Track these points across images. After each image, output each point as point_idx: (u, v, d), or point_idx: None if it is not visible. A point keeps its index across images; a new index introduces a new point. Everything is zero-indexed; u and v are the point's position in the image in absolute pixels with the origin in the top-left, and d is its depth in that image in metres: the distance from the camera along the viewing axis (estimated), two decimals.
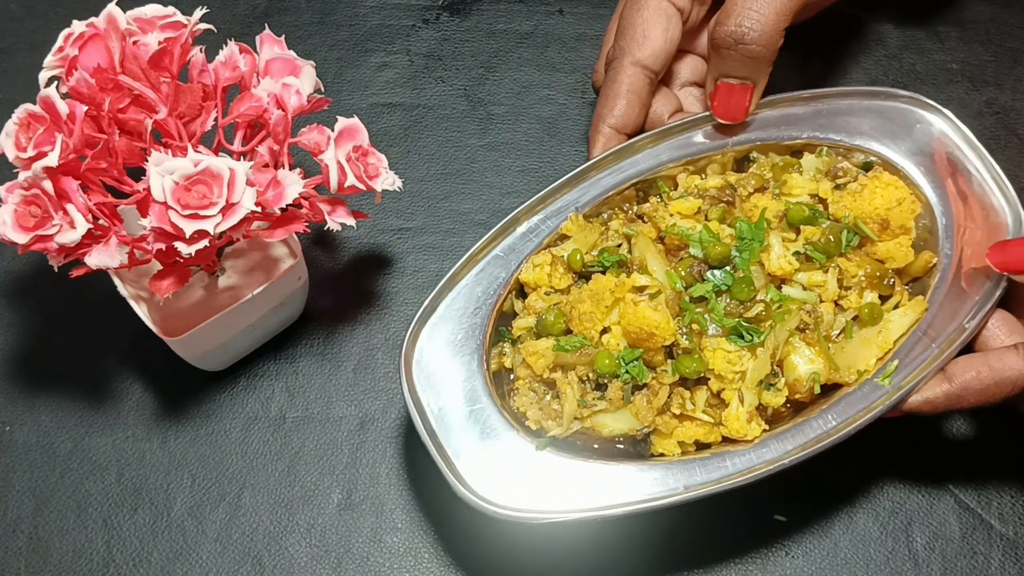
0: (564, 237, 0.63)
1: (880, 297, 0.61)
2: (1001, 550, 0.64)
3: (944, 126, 0.64)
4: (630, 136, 0.65)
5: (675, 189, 0.65)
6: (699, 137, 0.65)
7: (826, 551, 0.65)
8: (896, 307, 0.61)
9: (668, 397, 0.58)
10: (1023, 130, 0.77)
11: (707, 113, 0.65)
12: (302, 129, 0.59)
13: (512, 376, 0.61)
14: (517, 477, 0.57)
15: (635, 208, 0.64)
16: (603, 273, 0.60)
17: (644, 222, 0.63)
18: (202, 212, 0.53)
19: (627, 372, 0.58)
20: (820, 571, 0.64)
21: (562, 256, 0.62)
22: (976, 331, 0.59)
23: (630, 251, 0.61)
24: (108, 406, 0.68)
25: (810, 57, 0.79)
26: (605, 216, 0.64)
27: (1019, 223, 0.61)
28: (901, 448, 0.67)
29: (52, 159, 0.53)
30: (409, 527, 0.65)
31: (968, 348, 0.59)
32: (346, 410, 0.69)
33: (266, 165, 0.59)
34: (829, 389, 0.60)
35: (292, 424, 0.68)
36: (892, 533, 0.65)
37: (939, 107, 0.64)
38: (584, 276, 0.62)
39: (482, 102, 0.79)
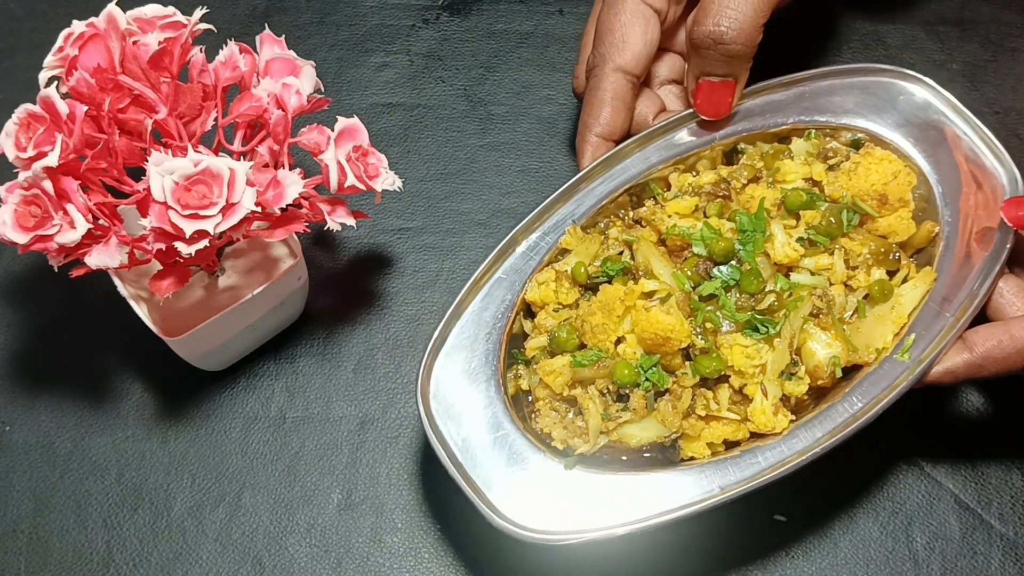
0: (565, 251, 0.62)
1: (888, 273, 0.61)
2: (1001, 550, 0.64)
3: (927, 95, 0.64)
4: (617, 142, 0.64)
5: (668, 190, 0.64)
6: (685, 135, 0.64)
7: (826, 551, 0.65)
8: (905, 280, 0.60)
9: (692, 399, 0.58)
10: (1023, 130, 0.77)
11: (691, 111, 0.64)
12: (302, 129, 0.59)
13: (531, 398, 0.61)
14: (550, 499, 0.57)
15: (631, 213, 0.64)
16: (609, 283, 0.60)
17: (642, 226, 0.63)
18: (202, 212, 0.53)
19: (647, 379, 0.57)
20: (820, 571, 0.64)
21: (566, 271, 0.61)
22: (988, 295, 0.59)
23: (632, 257, 0.61)
24: (108, 406, 0.68)
25: (810, 58, 0.79)
26: (602, 225, 0.63)
27: (1015, 183, 0.61)
28: (901, 448, 0.67)
29: (52, 159, 0.53)
30: (409, 527, 0.65)
31: (980, 314, 0.59)
32: (346, 410, 0.69)
33: (266, 165, 0.59)
34: (850, 371, 0.59)
35: (292, 424, 0.68)
36: (892, 533, 0.65)
37: (920, 76, 0.64)
38: (590, 288, 0.61)
39: (482, 102, 0.79)
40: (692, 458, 0.58)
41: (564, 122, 0.78)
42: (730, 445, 0.58)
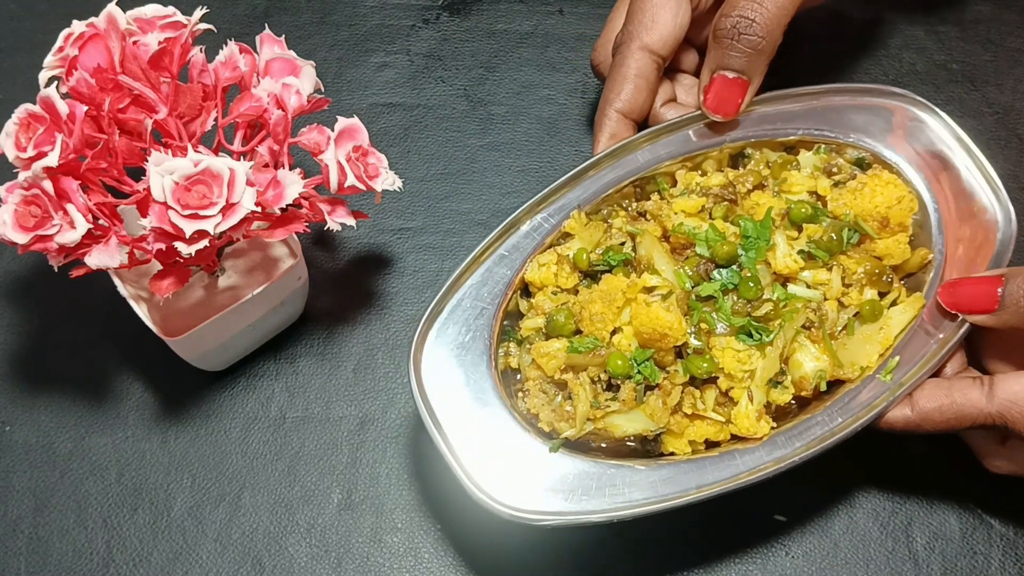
0: (567, 235, 0.63)
1: (879, 294, 0.61)
2: (1001, 550, 0.64)
3: (936, 124, 0.64)
4: (636, 122, 0.65)
5: (674, 186, 0.65)
6: (696, 134, 0.65)
7: (826, 551, 0.65)
8: (895, 303, 0.61)
9: (680, 397, 0.58)
10: (1023, 130, 0.77)
11: (699, 112, 0.64)
12: (302, 129, 0.59)
13: (520, 376, 0.61)
14: (529, 478, 0.57)
15: (635, 205, 0.64)
16: (610, 272, 0.60)
17: (647, 220, 0.63)
18: (202, 212, 0.53)
19: (640, 372, 0.58)
20: (820, 571, 0.64)
21: (567, 255, 0.62)
22: (969, 328, 0.59)
23: (634, 249, 0.61)
24: (108, 406, 0.68)
25: (810, 57, 0.79)
26: (605, 213, 0.64)
27: (1008, 221, 0.61)
28: (901, 448, 0.67)
29: (52, 159, 0.53)
30: (409, 527, 0.65)
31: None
32: (346, 410, 0.69)
33: (266, 165, 0.59)
34: (833, 384, 0.60)
35: (292, 424, 0.68)
36: (892, 533, 0.65)
37: (931, 105, 0.64)
38: (589, 275, 0.62)
39: (482, 102, 0.79)
40: (672, 453, 0.59)
41: (564, 122, 0.78)
42: (710, 445, 0.59)
